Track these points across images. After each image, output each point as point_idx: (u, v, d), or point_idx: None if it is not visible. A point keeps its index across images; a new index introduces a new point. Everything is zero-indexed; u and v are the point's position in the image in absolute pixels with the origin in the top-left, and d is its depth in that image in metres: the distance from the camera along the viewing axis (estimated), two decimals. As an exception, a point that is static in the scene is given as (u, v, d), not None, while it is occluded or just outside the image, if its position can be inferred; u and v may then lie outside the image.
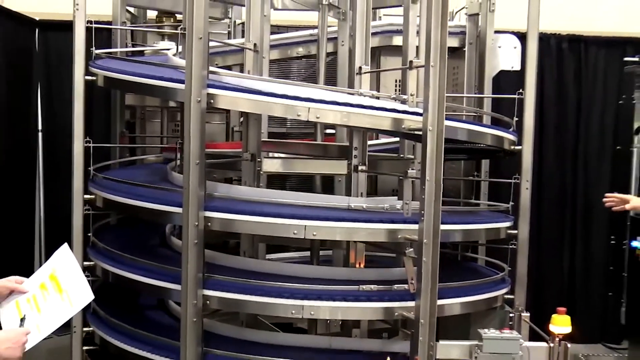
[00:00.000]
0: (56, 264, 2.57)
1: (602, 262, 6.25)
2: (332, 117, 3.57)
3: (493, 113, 4.64)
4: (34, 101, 5.98)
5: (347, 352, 3.80)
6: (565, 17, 6.17)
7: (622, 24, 5.99)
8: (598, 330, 6.14)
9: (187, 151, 3.36)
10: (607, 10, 6.38)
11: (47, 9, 5.77)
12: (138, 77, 3.80)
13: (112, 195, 4.02)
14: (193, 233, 3.39)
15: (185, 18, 3.41)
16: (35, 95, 5.99)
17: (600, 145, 6.26)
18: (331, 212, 3.65)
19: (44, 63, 5.96)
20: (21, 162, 5.74)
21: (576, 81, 6.25)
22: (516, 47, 4.75)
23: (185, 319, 3.42)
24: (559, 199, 6.25)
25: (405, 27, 4.33)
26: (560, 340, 3.41)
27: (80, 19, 4.05)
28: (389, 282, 3.70)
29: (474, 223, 4.06)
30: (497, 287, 4.12)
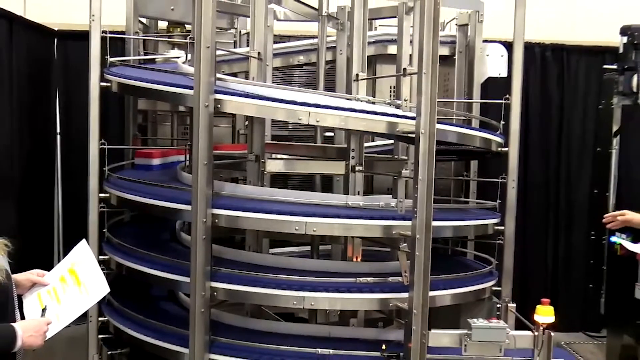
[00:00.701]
0: (75, 258, 2.57)
1: (583, 256, 6.25)
2: (331, 120, 3.57)
3: (481, 117, 4.64)
4: (52, 106, 5.98)
5: (345, 340, 3.80)
6: (549, 28, 6.17)
7: (601, 34, 5.98)
8: (579, 320, 6.14)
9: (196, 153, 3.36)
10: (588, 22, 6.38)
11: (65, 20, 5.77)
12: (150, 83, 3.80)
13: (126, 194, 4.02)
14: (201, 229, 3.38)
15: (194, 28, 3.41)
16: (54, 101, 5.99)
17: (581, 147, 6.26)
18: (330, 209, 3.65)
19: (62, 70, 5.96)
20: (41, 163, 5.74)
21: (559, 87, 6.26)
22: (503, 55, 4.75)
23: (194, 309, 3.42)
24: (543, 197, 6.25)
25: (399, 37, 4.34)
26: (544, 329, 3.41)
27: (96, 29, 4.05)
28: (384, 275, 3.70)
29: (464, 220, 4.06)
30: (485, 279, 4.12)
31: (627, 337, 4.84)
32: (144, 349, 3.86)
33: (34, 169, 5.50)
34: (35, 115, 5.51)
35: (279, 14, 4.88)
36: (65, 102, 5.99)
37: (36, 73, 5.53)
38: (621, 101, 4.97)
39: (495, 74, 4.79)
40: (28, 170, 5.32)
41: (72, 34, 5.74)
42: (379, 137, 4.73)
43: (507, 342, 3.38)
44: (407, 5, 4.28)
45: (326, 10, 4.43)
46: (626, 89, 4.75)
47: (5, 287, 2.14)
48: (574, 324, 6.07)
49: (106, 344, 4.22)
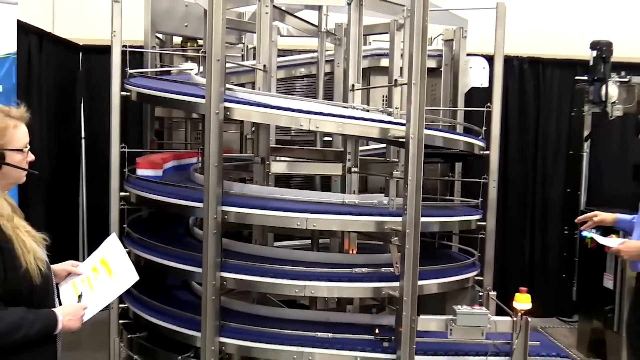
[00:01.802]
0: (106, 250, 2.57)
1: (557, 249, 6.26)
2: (329, 126, 3.58)
3: (465, 123, 4.63)
4: (78, 113, 5.98)
5: (342, 324, 3.79)
6: (526, 42, 6.17)
7: (574, 48, 5.99)
8: (553, 306, 6.14)
9: (207, 155, 3.35)
10: (561, 37, 6.38)
11: (89, 36, 5.77)
12: (166, 93, 3.81)
13: (144, 193, 4.02)
14: (212, 224, 3.38)
15: (206, 43, 3.40)
16: (79, 108, 5.99)
17: (555, 150, 6.26)
18: (328, 206, 3.65)
19: (86, 81, 5.96)
20: (67, 165, 5.75)
21: (535, 96, 6.26)
22: (485, 67, 4.75)
23: (206, 297, 3.41)
24: (521, 195, 6.25)
25: (391, 51, 4.33)
26: (522, 315, 3.41)
27: (117, 44, 4.05)
28: (377, 266, 3.70)
29: (449, 216, 4.06)
30: (468, 270, 4.12)
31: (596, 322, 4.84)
32: (160, 333, 3.86)
33: (61, 170, 5.50)
34: (62, 122, 5.51)
35: (282, 30, 4.88)
36: (89, 109, 5.99)
37: (63, 83, 5.53)
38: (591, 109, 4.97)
39: (477, 84, 4.79)
40: (56, 171, 5.32)
41: (95, 48, 5.74)
42: (373, 141, 4.72)
43: (489, 326, 3.38)
44: (398, 22, 4.27)
45: (325, 27, 4.43)
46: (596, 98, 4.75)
47: (46, 276, 2.15)
48: (548, 310, 6.07)
49: (126, 328, 4.22)
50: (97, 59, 5.69)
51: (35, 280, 2.08)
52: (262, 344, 3.51)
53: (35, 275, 2.07)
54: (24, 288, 2.07)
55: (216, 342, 3.46)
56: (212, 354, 3.44)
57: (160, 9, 4.75)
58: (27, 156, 2.20)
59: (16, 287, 2.05)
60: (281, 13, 4.34)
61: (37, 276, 2.08)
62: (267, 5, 3.90)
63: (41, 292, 2.14)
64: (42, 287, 2.12)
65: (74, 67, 5.89)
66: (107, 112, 4.12)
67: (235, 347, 3.54)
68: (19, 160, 2.15)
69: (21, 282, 2.06)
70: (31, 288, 2.08)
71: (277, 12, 4.18)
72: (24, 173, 2.21)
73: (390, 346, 3.46)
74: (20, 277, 2.05)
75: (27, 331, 2.03)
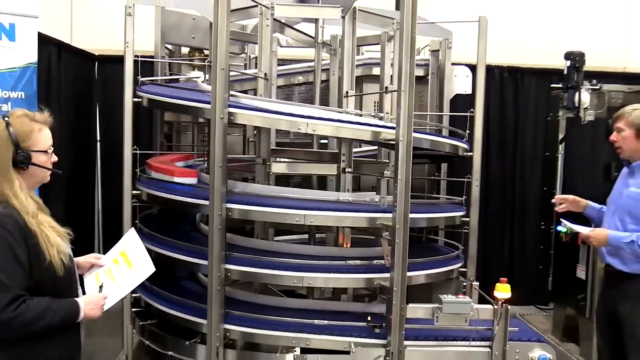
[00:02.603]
0: (126, 244, 2.55)
1: (534, 242, 6.26)
2: (325, 130, 3.57)
3: (450, 127, 4.63)
4: (93, 118, 5.97)
5: (337, 312, 3.78)
6: (506, 53, 6.17)
7: (550, 59, 5.99)
8: (531, 295, 6.14)
9: (212, 157, 3.34)
10: (538, 48, 6.39)
11: (104, 46, 5.76)
12: (174, 99, 3.79)
13: (154, 191, 4.00)
14: (217, 220, 3.37)
15: (211, 53, 3.39)
16: (94, 113, 5.98)
17: (533, 152, 6.27)
18: (325, 204, 3.64)
19: (101, 88, 5.95)
20: (84, 165, 5.73)
21: (514, 102, 6.26)
22: (468, 75, 4.75)
23: (211, 287, 3.40)
24: (501, 194, 6.25)
25: (382, 61, 4.33)
26: (502, 303, 3.40)
27: (129, 54, 4.04)
28: (370, 258, 3.70)
29: (435, 212, 4.05)
30: (453, 262, 4.11)
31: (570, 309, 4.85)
32: (169, 320, 3.85)
33: (78, 170, 5.49)
34: (79, 126, 5.50)
35: (282, 41, 4.87)
36: (104, 114, 5.98)
37: (80, 90, 5.52)
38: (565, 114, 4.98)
39: (461, 91, 4.79)
40: (73, 172, 5.31)
41: (109, 58, 5.73)
42: (365, 143, 4.72)
43: (472, 314, 3.38)
44: (388, 34, 4.27)
45: (321, 38, 4.43)
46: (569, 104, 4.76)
47: (70, 268, 2.14)
48: (526, 299, 6.06)
49: (138, 316, 4.21)
50: (111, 68, 5.68)
51: (58, 272, 2.07)
52: (263, 331, 3.50)
53: (59, 267, 2.07)
54: (48, 279, 2.06)
55: (221, 328, 3.45)
56: (217, 340, 3.43)
57: (170, 22, 4.74)
58: (51, 157, 2.21)
59: (41, 278, 2.04)
60: (281, 25, 4.33)
61: (60, 268, 2.07)
62: (268, 18, 3.90)
63: (65, 283, 2.13)
64: (65, 278, 2.11)
65: (90, 76, 5.88)
66: (120, 117, 4.11)
67: (239, 334, 3.53)
68: (43, 161, 2.16)
69: (45, 274, 2.05)
70: (55, 279, 2.08)
71: (277, 25, 4.18)
72: (49, 173, 2.22)
73: (382, 332, 3.46)
74: (44, 270, 2.04)
75: (51, 319, 2.02)
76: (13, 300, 1.94)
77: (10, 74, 3.81)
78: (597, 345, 3.46)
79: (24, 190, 2.09)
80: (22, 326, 1.96)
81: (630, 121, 3.18)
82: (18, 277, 1.97)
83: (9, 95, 3.84)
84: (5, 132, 2.06)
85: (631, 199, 3.20)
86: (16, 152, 2.06)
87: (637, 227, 3.16)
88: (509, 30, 6.33)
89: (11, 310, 1.93)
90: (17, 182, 2.07)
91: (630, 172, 3.28)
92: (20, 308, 1.94)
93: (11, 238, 1.97)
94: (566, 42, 5.90)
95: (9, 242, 1.96)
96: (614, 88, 4.94)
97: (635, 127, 3.17)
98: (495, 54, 5.14)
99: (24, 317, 1.95)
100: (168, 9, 4.66)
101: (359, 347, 3.45)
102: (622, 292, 3.21)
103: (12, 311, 1.93)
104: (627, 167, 3.32)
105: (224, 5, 3.28)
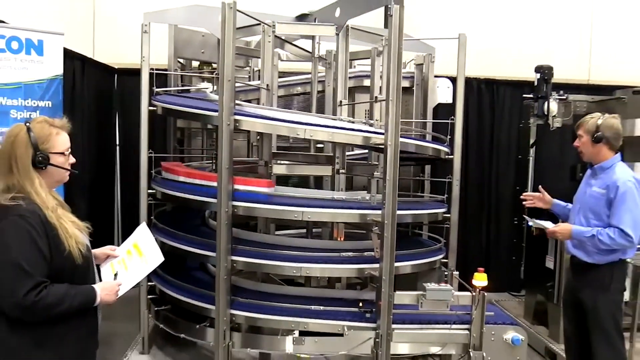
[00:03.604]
0: (138, 236, 2.53)
1: (508, 236, 6.26)
2: (321, 135, 3.56)
3: (433, 133, 4.63)
4: (113, 124, 5.94)
5: (332, 299, 3.78)
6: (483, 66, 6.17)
7: (522, 71, 5.99)
8: (505, 283, 6.13)
9: (220, 159, 3.33)
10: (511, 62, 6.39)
11: (123, 60, 5.74)
12: (186, 107, 3.78)
13: (168, 190, 3.99)
14: (224, 216, 3.36)
15: (219, 66, 3.38)
16: (114, 120, 5.95)
17: (507, 155, 6.27)
18: (321, 201, 3.64)
19: (120, 98, 5.92)
20: (105, 167, 5.71)
21: (490, 111, 6.26)
22: (449, 87, 4.75)
23: (219, 277, 3.40)
24: (479, 192, 6.25)
25: (372, 73, 4.32)
26: (480, 290, 3.40)
27: (145, 67, 4.03)
28: (361, 251, 3.69)
29: (420, 209, 4.05)
30: (435, 254, 4.11)
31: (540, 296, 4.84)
32: (181, 306, 3.84)
33: (99, 172, 5.47)
34: (100, 132, 5.48)
35: (282, 55, 4.86)
36: (122, 121, 5.95)
37: (101, 100, 5.50)
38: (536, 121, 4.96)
39: (443, 100, 4.79)
40: (95, 173, 5.30)
41: (127, 70, 5.70)
42: (357, 147, 4.71)
43: (453, 300, 3.37)
44: (378, 49, 4.27)
45: (317, 53, 4.42)
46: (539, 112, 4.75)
47: (87, 257, 2.14)
48: (501, 286, 6.06)
49: (153, 302, 4.20)
50: (129, 79, 5.66)
51: (77, 260, 2.07)
52: (265, 315, 3.50)
53: (77, 256, 2.06)
54: (68, 267, 2.06)
55: (228, 313, 3.44)
56: (225, 324, 3.42)
57: (182, 39, 4.74)
58: (68, 158, 2.20)
59: (61, 266, 2.04)
60: (281, 42, 4.32)
61: (78, 257, 2.07)
62: (270, 35, 3.89)
63: (82, 271, 2.13)
64: (83, 266, 2.11)
65: (110, 87, 5.85)
66: (137, 124, 4.10)
67: (244, 318, 3.53)
68: (61, 162, 2.16)
69: (65, 263, 2.05)
70: (74, 267, 2.07)
71: (277, 41, 4.17)
72: (67, 173, 2.21)
73: (372, 317, 3.46)
74: (64, 258, 2.04)
75: (70, 303, 2.02)
76: (35, 286, 1.95)
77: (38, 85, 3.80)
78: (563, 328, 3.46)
79: (44, 188, 2.09)
80: (44, 310, 1.96)
81: (587, 129, 3.21)
82: (39, 265, 1.98)
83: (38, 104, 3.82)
84: (26, 136, 2.07)
85: (593, 197, 3.21)
86: (35, 153, 2.07)
87: (599, 222, 3.17)
88: (486, 46, 6.33)
89: (34, 295, 1.94)
90: (37, 180, 2.07)
91: (593, 173, 3.29)
92: (42, 293, 1.95)
93: (33, 230, 1.97)
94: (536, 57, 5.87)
95: (31, 234, 1.97)
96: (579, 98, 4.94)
97: (591, 133, 3.19)
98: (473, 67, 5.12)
99: (45, 302, 1.96)
100: (180, 26, 4.66)
101: (351, 330, 3.44)
102: (586, 281, 3.22)
103: (34, 296, 1.94)
104: (590, 169, 3.33)
105: (231, 24, 3.28)
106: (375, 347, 3.34)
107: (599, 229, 3.11)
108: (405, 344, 3.51)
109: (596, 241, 3.09)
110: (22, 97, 3.69)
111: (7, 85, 3.62)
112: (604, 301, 3.14)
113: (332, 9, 4.14)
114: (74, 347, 2.09)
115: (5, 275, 1.94)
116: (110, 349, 4.16)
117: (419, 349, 3.55)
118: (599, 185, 3.19)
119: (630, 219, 3.04)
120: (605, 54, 6.62)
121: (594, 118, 3.22)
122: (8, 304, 1.95)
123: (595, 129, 3.17)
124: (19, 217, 1.97)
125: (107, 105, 5.79)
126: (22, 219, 1.97)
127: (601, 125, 3.18)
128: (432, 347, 3.55)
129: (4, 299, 1.95)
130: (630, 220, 3.04)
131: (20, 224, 1.97)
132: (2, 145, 2.12)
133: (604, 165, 3.20)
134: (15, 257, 1.94)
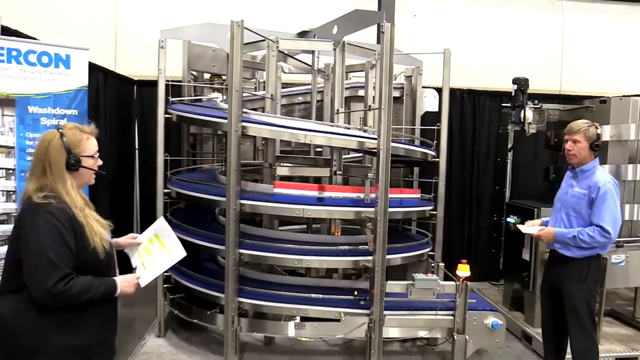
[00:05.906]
0: (157, 229, 2.50)
1: (488, 231, 6.21)
2: (320, 140, 3.56)
3: (421, 138, 4.62)
4: (133, 131, 5.92)
5: (330, 288, 3.78)
6: (466, 78, 6.17)
7: (500, 83, 6.00)
8: (485, 273, 6.13)
9: (229, 162, 3.33)
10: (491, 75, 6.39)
11: (142, 72, 5.72)
12: (198, 115, 3.77)
13: (182, 190, 3.98)
14: (233, 213, 3.35)
15: (228, 78, 3.38)
16: (134, 127, 5.93)
17: (487, 158, 6.25)
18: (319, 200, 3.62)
19: (139, 107, 5.90)
20: (125, 169, 5.69)
21: (472, 118, 6.25)
22: (435, 96, 4.74)
23: (228, 268, 3.39)
24: (462, 192, 6.24)
25: (366, 84, 4.32)
26: (463, 280, 3.40)
27: (162, 79, 4.02)
28: (356, 244, 3.69)
29: (409, 207, 4.04)
30: (423, 247, 4.11)
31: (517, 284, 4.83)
32: (194, 294, 3.83)
33: (120, 174, 5.44)
34: (121, 137, 5.46)
35: (285, 68, 4.86)
36: (141, 127, 5.93)
37: (122, 108, 5.48)
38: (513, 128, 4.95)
39: (430, 109, 4.78)
40: (117, 175, 5.27)
41: (146, 82, 5.68)
42: (353, 151, 4.71)
43: (439, 289, 3.38)
44: (371, 63, 4.26)
45: (317, 66, 4.41)
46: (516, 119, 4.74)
47: (109, 253, 2.14)
48: (482, 276, 6.06)
49: (169, 290, 4.19)
50: (147, 90, 5.64)
51: (100, 255, 2.06)
52: (270, 303, 3.50)
53: (101, 251, 2.06)
54: (92, 261, 2.05)
55: (236, 301, 3.44)
56: (233, 310, 3.42)
57: (194, 53, 4.73)
58: (96, 161, 2.21)
59: (85, 260, 2.04)
60: (284, 56, 4.31)
61: (102, 252, 2.06)
62: (274, 50, 3.89)
63: (105, 264, 2.12)
64: (105, 261, 2.11)
65: (130, 96, 5.83)
66: (154, 130, 4.08)
67: (250, 305, 3.52)
68: (91, 164, 2.17)
69: (90, 257, 2.04)
70: (98, 262, 2.07)
71: (281, 55, 4.16)
72: (93, 175, 2.20)
73: (366, 304, 3.45)
74: (89, 253, 2.03)
75: (94, 293, 2.02)
76: (63, 277, 1.94)
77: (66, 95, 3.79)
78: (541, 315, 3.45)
79: (74, 188, 2.09)
80: (70, 298, 1.96)
81: (588, 136, 3.16)
82: (67, 259, 1.97)
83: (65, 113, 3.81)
84: (59, 141, 2.07)
85: (575, 197, 3.20)
86: (69, 157, 2.07)
87: (579, 218, 3.16)
88: (468, 59, 6.33)
89: (61, 286, 1.93)
90: (69, 181, 2.07)
91: (574, 175, 3.27)
92: (68, 284, 1.95)
93: (62, 227, 1.97)
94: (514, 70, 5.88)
95: (60, 230, 1.96)
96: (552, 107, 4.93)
97: (591, 140, 3.16)
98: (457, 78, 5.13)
99: (71, 292, 1.95)
100: (193, 42, 4.65)
101: (347, 316, 3.44)
102: (565, 272, 3.20)
103: (62, 286, 1.94)
104: (570, 171, 3.31)
105: (239, 40, 3.27)
106: (369, 331, 3.34)
107: (579, 229, 3.11)
108: (396, 328, 3.51)
109: (577, 241, 3.10)
110: (52, 106, 3.69)
111: (38, 96, 3.63)
112: (580, 290, 3.13)
113: (330, 27, 4.13)
114: (95, 331, 2.09)
115: (37, 266, 1.94)
116: (130, 332, 4.15)
117: (408, 332, 3.55)
118: (581, 186, 3.19)
119: (610, 217, 3.05)
120: (575, 67, 6.64)
121: (592, 126, 3.19)
122: (38, 292, 1.94)
123: (596, 137, 3.16)
124: (49, 214, 1.97)
125: (127, 113, 5.77)
126: (52, 215, 1.97)
127: (599, 134, 3.18)
128: (420, 331, 3.55)
129: (35, 288, 1.94)
130: (610, 218, 3.04)
131: (50, 220, 1.96)
132: (36, 150, 2.11)
133: (585, 168, 3.19)
134: (46, 250, 1.94)
